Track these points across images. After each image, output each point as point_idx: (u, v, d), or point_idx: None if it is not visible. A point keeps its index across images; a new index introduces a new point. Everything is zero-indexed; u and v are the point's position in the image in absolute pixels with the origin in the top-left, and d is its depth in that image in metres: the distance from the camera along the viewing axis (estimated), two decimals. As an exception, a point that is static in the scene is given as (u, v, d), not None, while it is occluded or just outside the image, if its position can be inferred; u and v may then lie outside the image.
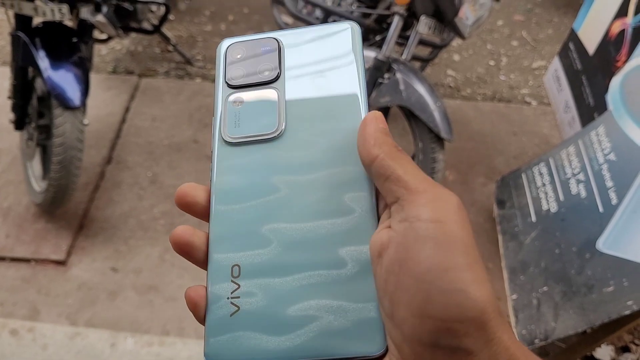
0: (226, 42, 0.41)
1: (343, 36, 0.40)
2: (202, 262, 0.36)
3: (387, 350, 0.31)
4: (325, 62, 0.39)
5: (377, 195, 0.35)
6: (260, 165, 0.36)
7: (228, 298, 0.33)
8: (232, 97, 0.39)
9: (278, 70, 0.39)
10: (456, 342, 0.28)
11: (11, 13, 1.75)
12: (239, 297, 0.33)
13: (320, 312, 0.32)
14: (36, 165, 2.02)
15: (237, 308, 0.33)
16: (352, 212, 0.34)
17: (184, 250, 0.35)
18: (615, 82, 1.54)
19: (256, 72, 0.39)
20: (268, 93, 0.39)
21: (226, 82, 0.39)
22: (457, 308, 0.27)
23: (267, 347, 0.32)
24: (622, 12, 1.60)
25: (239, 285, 0.34)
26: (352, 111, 0.37)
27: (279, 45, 0.40)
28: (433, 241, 0.29)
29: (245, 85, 0.39)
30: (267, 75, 0.39)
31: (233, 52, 0.41)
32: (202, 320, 0.34)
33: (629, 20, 1.55)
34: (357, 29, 0.40)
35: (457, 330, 0.27)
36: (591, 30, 1.77)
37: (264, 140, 0.37)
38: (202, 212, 0.37)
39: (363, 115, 0.37)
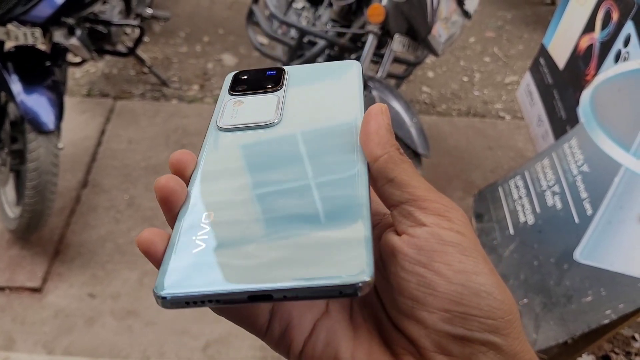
0: (234, 72, 0.43)
1: (345, 69, 0.41)
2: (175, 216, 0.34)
3: (369, 284, 0.28)
4: (326, 85, 0.40)
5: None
6: (250, 145, 0.36)
7: (193, 238, 0.31)
8: (232, 100, 0.39)
9: (280, 83, 0.40)
10: (487, 335, 0.29)
11: (-18, 38, 1.73)
12: (205, 237, 0.31)
13: (298, 244, 0.29)
14: (9, 191, 1.99)
15: (202, 245, 0.30)
16: (342, 181, 0.33)
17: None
18: (586, 95, 1.58)
19: (259, 85, 0.40)
20: (268, 96, 0.39)
21: (229, 92, 0.40)
22: (489, 307, 0.29)
23: (229, 278, 0.29)
24: (589, 28, 1.64)
25: (208, 228, 0.31)
26: (349, 114, 0.37)
27: (283, 70, 0.41)
28: (460, 247, 0.30)
29: (248, 93, 0.40)
30: (270, 87, 0.40)
31: (239, 75, 0.42)
32: (158, 262, 0.31)
33: (597, 35, 1.59)
34: (359, 65, 0.42)
35: (489, 325, 0.29)
36: (560, 45, 1.81)
37: (258, 127, 0.37)
38: None
39: (360, 117, 0.37)
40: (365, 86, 1.80)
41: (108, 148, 2.46)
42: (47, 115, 1.71)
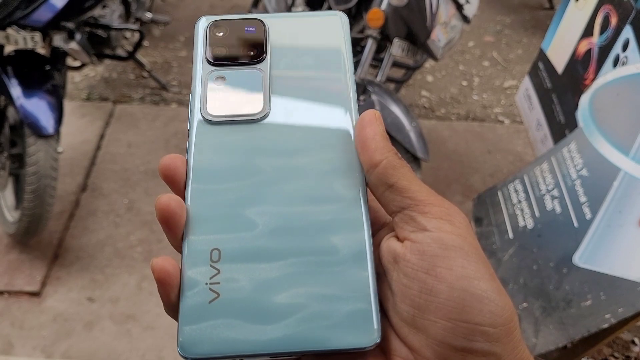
0: (206, 19, 0.39)
1: (331, 24, 0.39)
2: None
3: (383, 344, 0.31)
4: (312, 48, 0.38)
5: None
6: (242, 146, 0.34)
7: (207, 284, 0.31)
8: (213, 75, 0.37)
9: (263, 51, 0.37)
10: (488, 346, 0.29)
11: (-18, 42, 1.73)
12: (218, 283, 0.31)
13: (309, 301, 0.30)
14: (9, 195, 1.98)
15: (216, 295, 0.30)
16: (341, 199, 0.33)
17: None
18: (584, 99, 1.58)
19: (240, 52, 0.37)
20: (252, 73, 0.37)
21: (207, 59, 0.37)
22: (491, 314, 0.29)
23: (250, 338, 0.30)
24: (588, 32, 1.64)
25: (219, 271, 0.31)
26: (340, 96, 0.36)
27: (264, 26, 0.38)
28: (462, 251, 0.30)
29: (228, 64, 0.37)
30: (252, 55, 0.37)
31: (215, 29, 0.39)
32: (171, 301, 0.31)
33: (595, 39, 1.60)
34: (345, 18, 0.39)
35: (491, 334, 0.29)
36: (559, 50, 1.82)
37: (248, 121, 0.35)
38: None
39: (352, 102, 0.36)
40: (365, 90, 1.80)
41: (107, 152, 2.46)
42: (46, 119, 1.71)
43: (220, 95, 0.36)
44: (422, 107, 2.87)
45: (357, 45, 2.10)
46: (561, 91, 1.77)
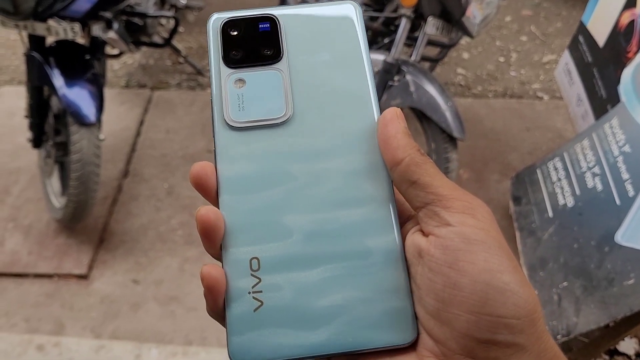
0: (218, 17, 0.38)
1: (344, 14, 0.38)
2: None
3: (417, 340, 0.32)
4: (328, 42, 0.37)
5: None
6: (269, 152, 0.35)
7: (249, 293, 0.33)
8: (232, 78, 0.36)
9: (280, 50, 0.37)
10: (512, 337, 0.29)
11: (25, 34, 1.78)
12: (261, 292, 0.33)
13: (347, 304, 0.32)
14: (55, 182, 2.06)
15: (260, 303, 0.32)
16: (370, 201, 0.34)
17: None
18: (627, 73, 1.54)
19: (256, 52, 0.37)
20: (271, 74, 0.36)
21: (224, 61, 0.37)
22: (514, 306, 0.29)
23: (294, 342, 0.32)
24: (631, 3, 1.59)
25: (260, 279, 0.33)
26: (360, 92, 0.36)
27: (277, 22, 0.38)
28: (484, 245, 0.30)
29: (246, 65, 0.37)
30: (269, 55, 0.37)
31: (228, 29, 0.38)
32: (217, 307, 0.33)
33: (638, 10, 1.54)
34: (358, 7, 0.39)
35: (514, 326, 0.29)
36: (600, 22, 1.76)
37: (272, 125, 0.35)
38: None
39: (372, 97, 0.36)
40: (399, 70, 1.79)
41: (147, 138, 2.51)
42: (88, 108, 1.76)
43: (241, 100, 0.36)
44: (458, 85, 2.83)
45: (391, 25, 2.08)
46: (602, 65, 1.72)
